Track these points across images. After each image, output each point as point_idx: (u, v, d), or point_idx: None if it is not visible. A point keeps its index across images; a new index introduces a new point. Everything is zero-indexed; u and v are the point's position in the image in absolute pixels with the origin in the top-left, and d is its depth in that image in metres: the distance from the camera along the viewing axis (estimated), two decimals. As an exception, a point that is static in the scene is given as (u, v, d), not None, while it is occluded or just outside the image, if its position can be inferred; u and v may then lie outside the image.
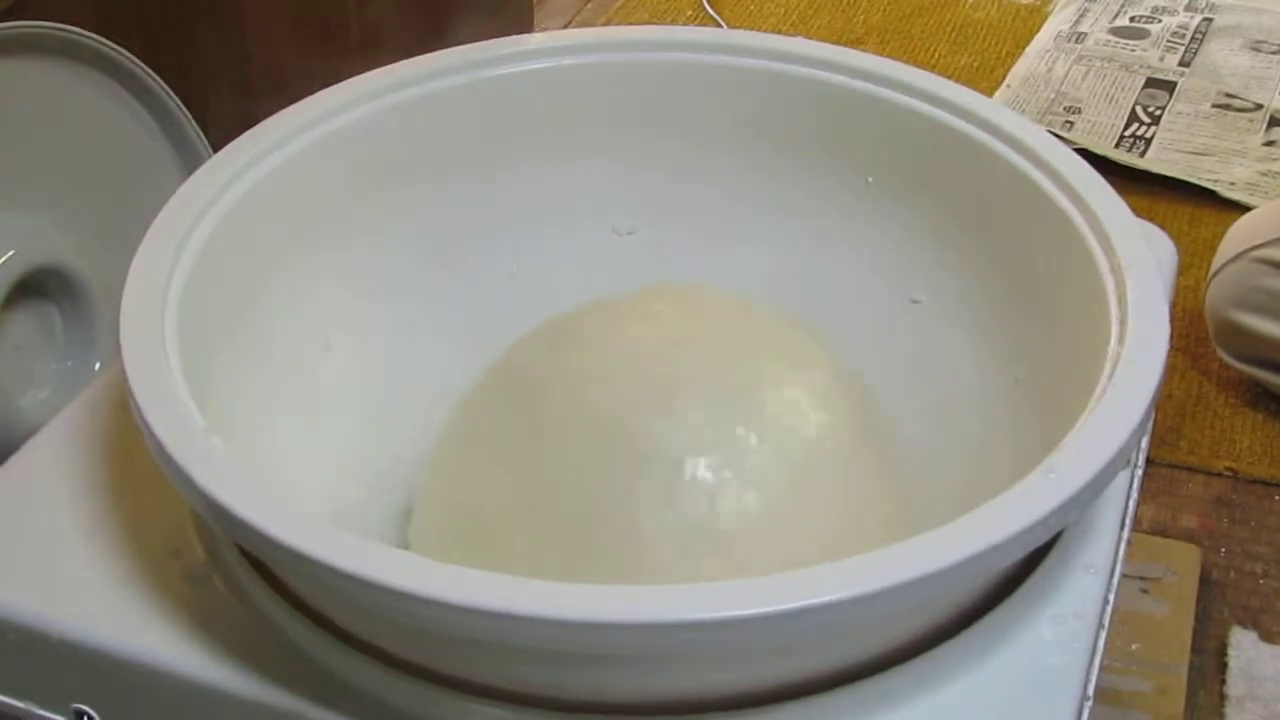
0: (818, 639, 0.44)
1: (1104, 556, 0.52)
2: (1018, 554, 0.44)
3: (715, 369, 0.55)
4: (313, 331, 0.61)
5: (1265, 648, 0.81)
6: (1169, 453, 0.96)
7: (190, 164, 0.85)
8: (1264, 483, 0.95)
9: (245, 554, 0.50)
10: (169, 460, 0.46)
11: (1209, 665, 0.81)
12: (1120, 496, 0.55)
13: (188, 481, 0.45)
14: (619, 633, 0.40)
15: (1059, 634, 0.49)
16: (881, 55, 0.66)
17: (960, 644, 0.48)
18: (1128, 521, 0.55)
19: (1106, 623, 0.50)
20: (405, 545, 0.57)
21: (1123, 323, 0.51)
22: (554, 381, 0.55)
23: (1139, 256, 0.54)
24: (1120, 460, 0.46)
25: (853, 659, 0.46)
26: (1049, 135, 0.61)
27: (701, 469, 0.51)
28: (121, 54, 0.82)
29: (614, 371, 0.55)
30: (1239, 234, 0.99)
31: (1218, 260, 0.99)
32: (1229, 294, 0.98)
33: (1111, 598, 0.52)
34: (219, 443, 0.46)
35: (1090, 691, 0.48)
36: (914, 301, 0.65)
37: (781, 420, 0.54)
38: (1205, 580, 0.86)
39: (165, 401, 0.47)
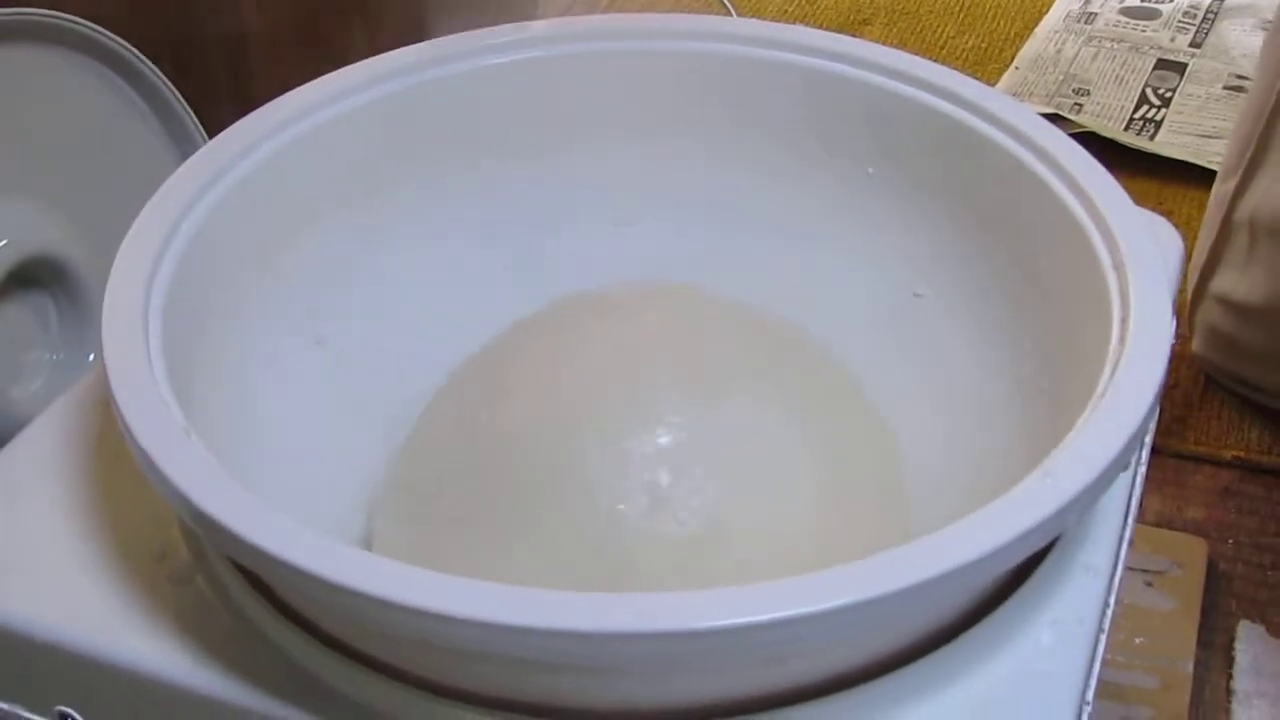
0: (799, 650, 0.43)
1: (1105, 558, 0.51)
2: (1010, 562, 0.43)
3: (692, 369, 0.55)
4: (305, 326, 0.60)
5: (1274, 642, 0.80)
6: (1176, 442, 0.95)
7: (186, 152, 0.84)
8: (1273, 472, 0.93)
9: (229, 557, 0.49)
10: (150, 463, 0.45)
11: (1216, 660, 0.80)
12: (1122, 495, 0.54)
13: (168, 486, 0.44)
14: (586, 642, 0.39)
15: (1059, 638, 0.48)
16: (888, 36, 0.66)
17: (957, 649, 0.47)
18: (1130, 521, 0.54)
19: (1108, 626, 0.49)
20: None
21: (1124, 321, 0.50)
22: (523, 379, 0.55)
23: (1142, 252, 0.53)
24: (1119, 464, 0.45)
25: (841, 667, 0.45)
26: (1052, 126, 0.59)
27: (672, 473, 0.51)
28: (116, 41, 0.81)
29: (589, 371, 0.54)
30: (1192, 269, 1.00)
31: (1186, 295, 1.00)
32: (1203, 339, 0.99)
33: (1113, 600, 0.51)
34: (200, 445, 0.45)
35: (1090, 697, 0.47)
36: (916, 295, 0.64)
37: (755, 420, 0.53)
38: (1212, 573, 0.84)
39: (147, 402, 0.47)
